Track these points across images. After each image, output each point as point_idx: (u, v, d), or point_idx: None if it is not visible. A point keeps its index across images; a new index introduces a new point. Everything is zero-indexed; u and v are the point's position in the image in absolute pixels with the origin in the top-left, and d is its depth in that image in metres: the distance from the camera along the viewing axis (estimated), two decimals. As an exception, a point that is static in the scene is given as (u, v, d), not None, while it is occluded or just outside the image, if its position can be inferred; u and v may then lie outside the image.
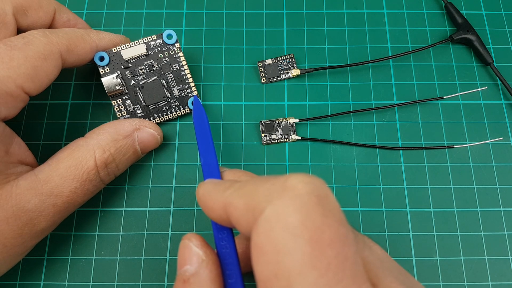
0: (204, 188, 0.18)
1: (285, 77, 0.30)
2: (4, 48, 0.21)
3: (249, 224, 0.15)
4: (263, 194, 0.15)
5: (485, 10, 0.33)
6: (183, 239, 0.18)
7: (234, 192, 0.16)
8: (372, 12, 0.33)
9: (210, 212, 0.18)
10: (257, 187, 0.15)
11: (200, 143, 0.22)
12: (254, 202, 0.15)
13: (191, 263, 0.17)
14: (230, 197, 0.16)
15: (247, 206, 0.15)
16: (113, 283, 0.26)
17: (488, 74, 0.31)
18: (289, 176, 0.15)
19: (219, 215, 0.17)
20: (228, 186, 0.17)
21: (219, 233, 0.19)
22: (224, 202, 0.16)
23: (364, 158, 0.29)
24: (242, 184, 0.16)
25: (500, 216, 0.27)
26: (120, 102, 0.28)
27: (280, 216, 0.14)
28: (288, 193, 0.14)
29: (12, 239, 0.21)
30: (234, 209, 0.16)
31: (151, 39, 0.28)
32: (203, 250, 0.17)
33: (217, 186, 0.17)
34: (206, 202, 0.18)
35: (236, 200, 0.16)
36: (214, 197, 0.17)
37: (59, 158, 0.23)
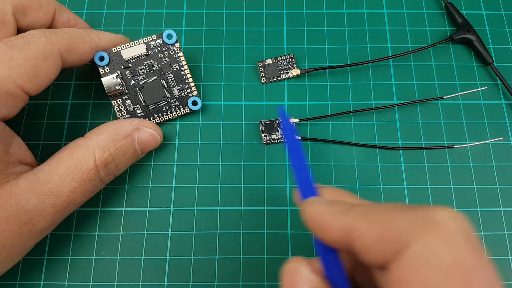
0: (316, 208, 0.17)
1: (285, 77, 0.30)
2: (4, 48, 0.21)
3: (383, 254, 0.14)
4: (404, 226, 0.14)
5: (485, 10, 0.33)
6: (290, 263, 0.17)
7: (360, 217, 0.15)
8: (372, 12, 0.33)
9: (325, 234, 0.17)
10: (394, 216, 0.14)
11: (294, 158, 0.21)
12: (394, 233, 0.14)
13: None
14: (356, 222, 0.15)
15: (383, 237, 0.14)
16: (113, 283, 0.26)
17: (488, 74, 0.31)
18: (433, 209, 0.14)
19: (336, 238, 0.16)
20: (347, 209, 0.16)
21: (327, 255, 0.18)
22: (346, 226, 0.16)
23: (364, 158, 0.29)
24: (369, 209, 0.16)
25: (500, 216, 0.27)
26: (120, 102, 0.28)
27: (431, 253, 0.13)
28: (437, 228, 0.13)
29: (12, 238, 0.21)
30: (362, 236, 0.15)
31: (151, 39, 0.28)
32: (315, 277, 0.17)
33: (333, 208, 0.17)
34: (321, 223, 0.17)
35: (366, 227, 0.15)
36: (331, 219, 0.16)
37: (58, 158, 0.23)
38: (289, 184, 0.28)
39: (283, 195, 0.28)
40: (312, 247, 0.27)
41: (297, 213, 0.27)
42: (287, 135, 0.23)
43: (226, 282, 0.26)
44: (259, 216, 0.27)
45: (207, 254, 0.27)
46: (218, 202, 0.28)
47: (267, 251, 0.27)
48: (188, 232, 0.27)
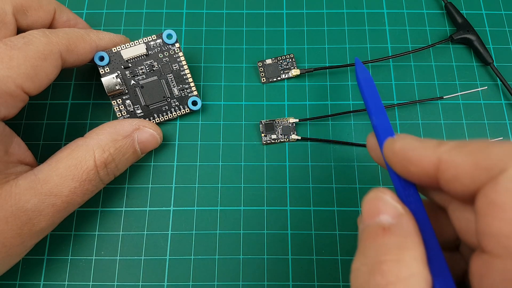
0: (405, 142, 0.18)
1: (285, 77, 0.30)
2: (4, 48, 0.21)
3: (476, 182, 0.15)
4: (500, 154, 0.15)
5: (485, 10, 0.33)
6: (374, 192, 0.18)
7: (453, 149, 0.16)
8: (372, 12, 0.33)
9: (413, 166, 0.17)
10: (488, 147, 0.15)
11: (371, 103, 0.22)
12: (489, 161, 0.15)
13: (388, 214, 0.17)
14: (449, 154, 0.16)
15: (477, 164, 0.15)
16: (113, 283, 0.26)
17: (488, 74, 0.31)
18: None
19: (426, 170, 0.17)
20: (438, 143, 0.17)
21: (405, 190, 0.18)
22: (438, 157, 0.16)
23: (364, 158, 0.29)
24: (461, 143, 0.16)
25: (500, 216, 0.27)
26: (120, 102, 0.28)
27: None
28: None
29: (11, 238, 0.21)
30: (454, 166, 0.15)
31: (151, 39, 0.28)
32: (399, 204, 0.17)
33: (423, 142, 0.17)
34: (410, 156, 0.17)
35: (460, 157, 0.15)
36: (422, 152, 0.17)
37: (58, 158, 0.23)
38: (289, 184, 0.28)
39: (283, 195, 0.28)
40: (312, 247, 0.27)
41: (297, 213, 0.27)
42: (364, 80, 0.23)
43: (226, 282, 0.26)
44: (259, 216, 0.27)
45: (207, 254, 0.27)
46: (218, 202, 0.28)
47: (267, 251, 0.27)
48: (188, 232, 0.27)
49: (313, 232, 0.27)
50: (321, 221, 0.27)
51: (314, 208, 0.28)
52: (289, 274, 0.26)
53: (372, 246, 0.16)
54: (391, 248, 0.16)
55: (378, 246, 0.16)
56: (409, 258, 0.15)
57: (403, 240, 0.16)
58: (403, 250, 0.16)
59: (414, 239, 0.16)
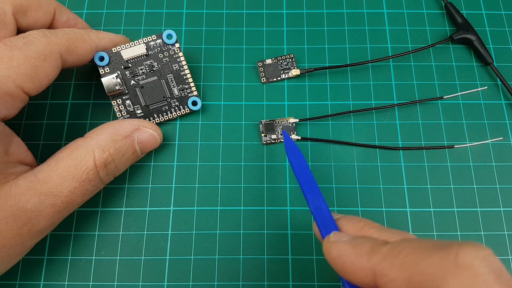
0: (340, 249, 0.17)
1: (285, 77, 0.30)
2: (4, 48, 0.21)
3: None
4: (431, 269, 0.14)
5: (485, 10, 0.33)
6: None
7: (385, 260, 0.15)
8: (372, 12, 0.33)
9: (351, 276, 0.17)
10: (421, 259, 0.14)
11: (305, 186, 0.21)
12: (421, 278, 0.14)
13: None
14: (382, 266, 0.15)
15: (410, 281, 0.14)
16: (113, 283, 0.26)
17: (488, 74, 0.31)
18: (459, 249, 0.14)
19: (363, 281, 0.16)
20: (372, 250, 0.16)
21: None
22: (372, 269, 0.16)
23: (364, 158, 0.29)
24: (393, 250, 0.15)
25: (500, 216, 0.27)
26: (120, 102, 0.28)
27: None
28: (465, 272, 0.13)
29: (11, 238, 0.21)
30: (390, 280, 0.15)
31: (151, 39, 0.28)
32: None
33: (357, 249, 0.17)
34: (346, 267, 0.17)
35: (393, 271, 0.15)
36: (357, 262, 0.16)
37: (58, 158, 0.23)
38: (289, 184, 0.28)
39: (283, 195, 0.28)
40: (312, 247, 0.27)
41: (297, 213, 0.27)
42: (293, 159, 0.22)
43: (226, 282, 0.26)
44: (259, 216, 0.27)
45: (207, 254, 0.27)
46: (218, 202, 0.28)
47: (267, 251, 0.27)
48: (188, 232, 0.27)
49: (313, 232, 0.27)
50: (321, 221, 0.27)
51: (314, 208, 0.28)
52: (289, 274, 0.26)
53: None
54: None
55: None
56: None
57: None
58: None
59: None
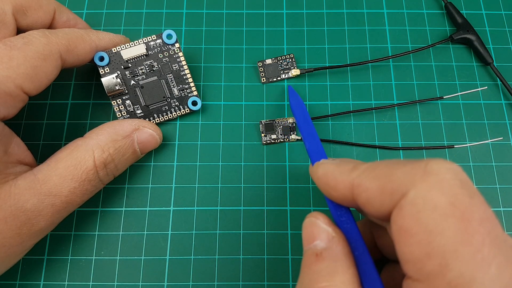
0: (325, 168, 0.19)
1: (285, 77, 0.30)
2: (4, 48, 0.21)
3: (384, 206, 0.15)
4: (402, 177, 0.15)
5: (485, 10, 0.33)
6: (309, 217, 0.19)
7: (363, 173, 0.16)
8: (372, 12, 0.33)
9: (332, 191, 0.18)
10: (393, 170, 0.15)
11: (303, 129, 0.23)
12: (392, 185, 0.15)
13: (320, 239, 0.18)
14: (359, 179, 0.16)
15: (382, 189, 0.15)
16: (113, 283, 0.26)
17: (488, 74, 0.31)
18: (428, 161, 0.15)
19: (343, 194, 0.17)
20: (352, 167, 0.17)
21: (337, 211, 0.19)
22: (351, 182, 0.17)
23: (364, 158, 0.29)
24: (371, 166, 0.17)
25: (500, 216, 0.27)
26: (120, 102, 0.28)
27: (427, 199, 0.14)
28: (431, 177, 0.14)
29: (11, 238, 0.21)
30: (364, 190, 0.16)
31: (151, 39, 0.28)
32: (331, 228, 0.18)
33: (340, 167, 0.18)
34: (329, 182, 0.18)
35: (368, 181, 0.16)
36: (338, 177, 0.17)
37: (58, 158, 0.23)
38: (289, 184, 0.28)
39: (283, 195, 0.28)
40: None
41: (297, 213, 0.27)
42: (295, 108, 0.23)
43: (226, 282, 0.26)
44: (259, 216, 0.27)
45: (207, 254, 0.27)
46: (218, 202, 0.28)
47: (267, 251, 0.27)
48: (188, 232, 0.27)
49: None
50: (321, 221, 0.27)
51: (314, 208, 0.28)
52: (289, 274, 0.26)
53: (306, 274, 0.17)
54: (323, 274, 0.16)
55: (311, 273, 0.17)
56: (340, 282, 0.16)
57: (333, 264, 0.16)
58: (334, 276, 0.16)
59: (344, 262, 0.17)
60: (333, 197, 0.18)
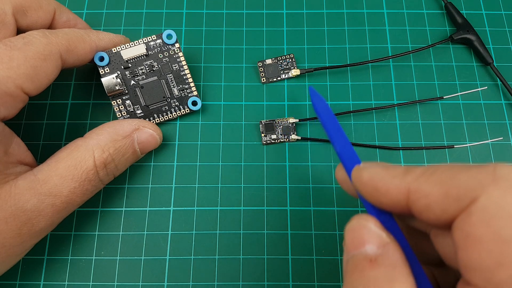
0: (373, 172, 0.17)
1: (285, 77, 0.30)
2: (4, 48, 0.21)
3: (447, 212, 0.14)
4: (469, 181, 0.14)
5: (485, 10, 0.33)
6: (357, 219, 0.17)
7: (421, 177, 0.16)
8: (372, 12, 0.33)
9: (383, 197, 0.17)
10: (456, 174, 0.15)
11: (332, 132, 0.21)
12: (458, 190, 0.14)
13: (372, 243, 0.16)
14: (417, 183, 0.15)
15: (447, 194, 0.14)
16: (113, 283, 0.26)
17: (488, 74, 0.31)
18: (495, 166, 0.14)
19: (396, 200, 0.16)
20: (405, 171, 0.16)
21: (381, 217, 0.18)
22: (406, 187, 0.16)
23: (364, 158, 0.29)
24: (428, 170, 0.16)
25: (500, 216, 0.27)
26: (120, 102, 0.28)
27: (500, 205, 0.13)
28: (503, 182, 0.14)
29: (11, 238, 0.21)
30: (424, 196, 0.15)
31: (151, 39, 0.28)
32: (385, 233, 0.17)
33: (390, 170, 0.17)
34: (379, 187, 0.17)
35: (428, 186, 0.15)
36: (390, 181, 0.16)
37: (58, 158, 0.23)
38: (289, 184, 0.28)
39: (283, 195, 0.28)
40: (312, 247, 0.27)
41: (297, 213, 0.27)
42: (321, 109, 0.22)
43: (226, 282, 0.26)
44: (259, 216, 0.27)
45: (207, 254, 0.27)
46: (218, 202, 0.28)
47: (267, 251, 0.27)
48: (188, 232, 0.27)
49: (313, 232, 0.27)
50: (321, 221, 0.27)
51: (314, 208, 0.28)
52: (289, 274, 0.26)
53: (360, 280, 0.16)
54: (381, 281, 0.15)
55: (366, 280, 0.15)
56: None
57: (391, 271, 0.15)
58: (393, 283, 0.15)
59: (403, 269, 0.16)
60: (382, 203, 0.17)
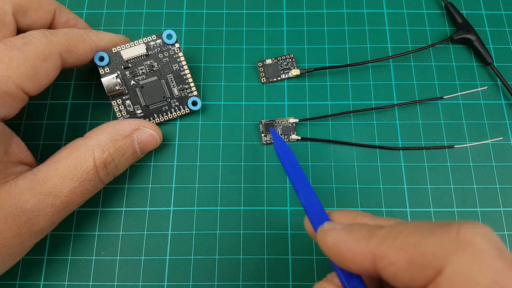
0: (336, 236, 0.17)
1: (285, 77, 0.30)
2: (4, 48, 0.21)
3: (415, 281, 0.14)
4: (433, 248, 0.14)
5: (485, 10, 0.33)
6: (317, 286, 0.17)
7: (384, 242, 0.15)
8: (372, 12, 0.33)
9: (349, 263, 0.16)
10: (420, 239, 0.14)
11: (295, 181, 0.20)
12: (424, 259, 0.14)
13: None
14: (381, 249, 0.15)
15: (412, 263, 0.14)
16: (113, 283, 0.26)
17: (488, 74, 0.31)
18: (459, 227, 0.14)
19: (362, 266, 0.16)
20: (368, 234, 0.16)
21: (349, 282, 0.17)
22: (371, 253, 0.15)
23: (364, 158, 0.29)
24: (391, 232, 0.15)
25: (500, 216, 0.27)
26: (120, 102, 0.28)
27: (467, 276, 0.13)
28: (468, 248, 0.13)
29: (11, 238, 0.21)
30: (390, 263, 0.14)
31: (151, 39, 0.28)
32: None
33: (354, 234, 0.16)
34: (343, 253, 0.16)
35: (393, 253, 0.14)
36: (354, 247, 0.16)
37: (58, 158, 0.23)
38: (289, 184, 0.28)
39: (283, 195, 0.28)
40: (312, 247, 0.27)
41: (297, 213, 0.27)
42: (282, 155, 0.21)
43: (226, 282, 0.26)
44: (259, 216, 0.27)
45: (207, 254, 0.27)
46: (218, 202, 0.28)
47: (267, 251, 0.27)
48: (188, 232, 0.27)
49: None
50: (321, 221, 0.27)
51: (314, 208, 0.28)
52: (289, 274, 0.26)
53: None
54: None
55: None
56: None
57: None
58: None
59: None
60: (348, 269, 0.16)
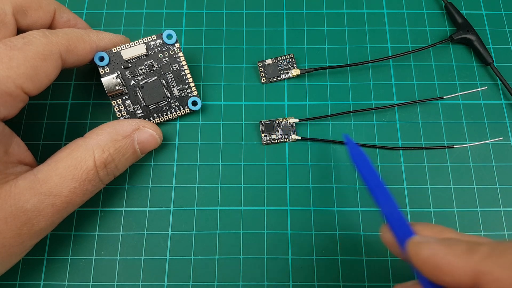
0: (432, 249, 0.16)
1: (285, 77, 0.30)
2: (4, 48, 0.21)
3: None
4: None
5: (485, 10, 0.33)
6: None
7: (489, 259, 0.15)
8: (372, 12, 0.33)
9: (445, 276, 0.16)
10: None
11: (377, 193, 0.20)
12: None
13: None
14: (486, 266, 0.15)
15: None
16: (113, 283, 0.26)
17: (488, 74, 0.31)
18: None
19: (460, 280, 0.15)
20: (469, 249, 0.15)
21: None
22: (473, 269, 0.15)
23: (364, 158, 0.29)
24: (495, 249, 0.15)
25: (500, 216, 0.27)
26: (120, 102, 0.28)
27: None
28: None
29: (11, 238, 0.21)
30: (495, 280, 0.14)
31: (151, 39, 0.28)
32: None
33: (453, 248, 0.16)
34: (442, 267, 0.16)
35: (499, 270, 0.14)
36: (454, 261, 0.15)
37: (58, 158, 0.23)
38: (289, 184, 0.28)
39: (283, 195, 0.28)
40: (312, 247, 0.27)
41: (297, 213, 0.27)
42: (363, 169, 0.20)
43: (226, 282, 0.26)
44: (259, 216, 0.27)
45: (207, 254, 0.27)
46: (218, 202, 0.28)
47: (267, 251, 0.27)
48: (188, 232, 0.27)
49: (313, 232, 0.27)
50: (321, 221, 0.27)
51: (314, 208, 0.28)
52: (289, 274, 0.26)
53: None
54: None
55: None
56: None
57: None
58: None
59: None
60: (443, 282, 0.16)
